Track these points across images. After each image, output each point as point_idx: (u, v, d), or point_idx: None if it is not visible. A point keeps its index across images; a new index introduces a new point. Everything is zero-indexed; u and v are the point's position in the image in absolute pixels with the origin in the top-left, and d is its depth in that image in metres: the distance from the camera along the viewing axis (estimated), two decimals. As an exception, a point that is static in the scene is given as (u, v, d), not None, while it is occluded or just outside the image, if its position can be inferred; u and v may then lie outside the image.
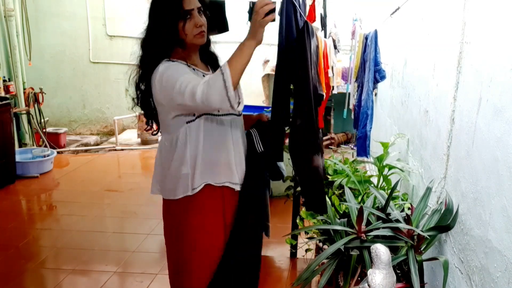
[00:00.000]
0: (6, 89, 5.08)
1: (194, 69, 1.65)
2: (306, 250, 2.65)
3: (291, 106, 1.92)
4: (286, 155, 1.91)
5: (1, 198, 4.25)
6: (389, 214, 2.02)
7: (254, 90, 5.87)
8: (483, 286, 1.46)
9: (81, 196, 4.32)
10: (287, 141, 1.91)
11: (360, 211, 1.92)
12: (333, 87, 4.01)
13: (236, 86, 1.45)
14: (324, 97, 2.71)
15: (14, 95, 5.19)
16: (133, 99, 1.72)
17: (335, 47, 4.09)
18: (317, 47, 2.37)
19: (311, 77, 1.78)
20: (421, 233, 1.76)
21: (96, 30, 6.52)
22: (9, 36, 5.22)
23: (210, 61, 1.80)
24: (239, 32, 1.99)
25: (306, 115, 1.80)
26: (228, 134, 1.68)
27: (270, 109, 4.15)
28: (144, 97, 1.67)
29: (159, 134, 1.79)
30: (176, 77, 1.51)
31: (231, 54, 1.50)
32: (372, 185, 2.52)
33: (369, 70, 2.20)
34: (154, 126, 1.79)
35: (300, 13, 1.85)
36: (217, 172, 1.67)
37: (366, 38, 2.71)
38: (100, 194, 4.39)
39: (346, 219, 2.09)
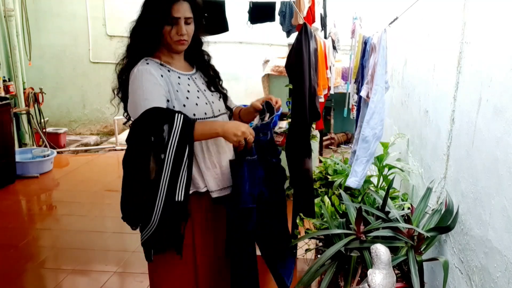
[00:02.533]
0: (6, 89, 5.08)
1: (169, 70, 1.69)
2: (306, 250, 2.65)
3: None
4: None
5: (1, 198, 4.25)
6: (388, 213, 2.02)
7: (254, 90, 5.86)
8: (483, 286, 1.46)
9: (81, 196, 4.32)
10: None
11: (359, 211, 1.92)
12: (329, 87, 4.00)
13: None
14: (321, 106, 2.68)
15: (14, 95, 5.19)
16: (113, 90, 1.77)
17: (334, 47, 4.09)
18: (316, 50, 2.37)
19: (307, 80, 1.79)
20: (422, 232, 1.76)
21: (96, 30, 6.52)
22: (9, 36, 5.22)
23: (198, 61, 1.85)
24: (239, 32, 2.00)
25: (301, 117, 1.81)
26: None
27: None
28: (123, 89, 1.73)
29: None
30: (138, 94, 1.58)
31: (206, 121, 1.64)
32: (372, 185, 2.52)
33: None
34: None
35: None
36: None
37: (365, 43, 2.69)
38: (100, 194, 4.39)
39: (344, 219, 2.09)
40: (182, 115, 1.52)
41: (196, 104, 1.67)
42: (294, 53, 1.94)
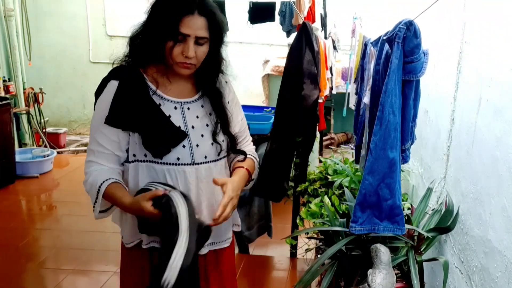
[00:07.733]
0: (6, 89, 5.07)
1: (162, 97, 1.40)
2: (306, 250, 2.65)
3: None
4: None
5: (1, 198, 4.24)
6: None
7: (254, 90, 5.86)
8: (483, 286, 1.46)
9: (81, 196, 4.30)
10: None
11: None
12: (331, 87, 3.99)
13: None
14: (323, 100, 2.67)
15: (14, 95, 5.19)
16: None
17: (334, 47, 4.09)
18: (318, 52, 2.36)
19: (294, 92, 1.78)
20: (422, 232, 1.76)
21: (96, 30, 6.51)
22: (9, 36, 5.22)
23: (206, 87, 1.53)
24: (239, 32, 1.99)
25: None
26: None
27: (269, 109, 4.11)
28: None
29: None
30: (92, 133, 1.41)
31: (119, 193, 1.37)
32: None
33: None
34: None
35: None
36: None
37: (365, 45, 2.69)
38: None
39: (345, 219, 2.09)
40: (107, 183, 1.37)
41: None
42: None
